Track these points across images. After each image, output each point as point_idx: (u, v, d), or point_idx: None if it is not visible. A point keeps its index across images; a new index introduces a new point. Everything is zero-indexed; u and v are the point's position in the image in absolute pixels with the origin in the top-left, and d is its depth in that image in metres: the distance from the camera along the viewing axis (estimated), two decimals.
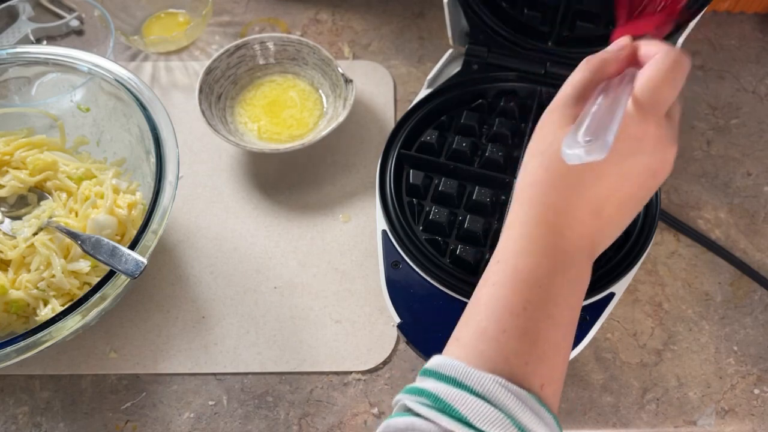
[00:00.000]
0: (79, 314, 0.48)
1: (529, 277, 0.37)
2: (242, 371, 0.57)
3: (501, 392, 0.33)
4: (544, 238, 0.37)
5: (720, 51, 0.75)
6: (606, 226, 0.39)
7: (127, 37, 0.73)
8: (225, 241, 0.63)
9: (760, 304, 0.60)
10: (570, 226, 0.38)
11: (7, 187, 0.58)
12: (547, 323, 0.36)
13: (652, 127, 0.37)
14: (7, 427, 0.55)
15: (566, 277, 0.37)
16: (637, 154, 0.37)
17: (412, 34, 0.77)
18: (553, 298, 0.37)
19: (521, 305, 0.36)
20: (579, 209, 0.37)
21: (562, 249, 0.37)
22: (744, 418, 0.54)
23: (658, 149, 0.38)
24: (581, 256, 0.38)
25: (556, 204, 0.38)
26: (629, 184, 0.38)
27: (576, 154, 0.32)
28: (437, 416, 0.33)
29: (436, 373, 0.35)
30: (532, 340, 0.36)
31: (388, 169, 0.58)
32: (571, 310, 0.38)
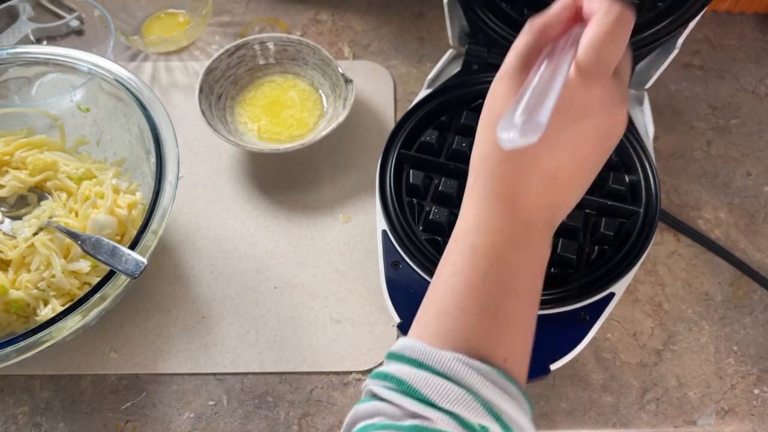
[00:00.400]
0: (79, 314, 0.48)
1: (486, 252, 0.37)
2: (242, 371, 0.57)
3: (462, 369, 0.33)
4: (499, 212, 0.37)
5: (720, 51, 0.75)
6: (563, 193, 0.38)
7: (127, 37, 0.73)
8: (225, 241, 0.63)
9: (760, 304, 0.60)
10: (525, 197, 0.37)
11: (7, 187, 0.58)
12: (508, 296, 0.36)
13: (597, 89, 0.36)
14: (7, 427, 0.55)
15: (525, 248, 0.37)
16: (585, 119, 0.36)
17: (412, 34, 0.77)
18: (513, 270, 0.36)
19: (479, 281, 0.36)
20: (533, 180, 0.37)
21: (520, 221, 0.37)
22: (744, 418, 0.55)
23: (606, 111, 0.37)
24: (540, 226, 0.38)
25: (509, 176, 0.37)
26: (582, 150, 0.37)
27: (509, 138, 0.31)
28: (401, 399, 0.33)
29: (399, 356, 0.36)
30: (492, 315, 0.36)
31: (388, 169, 0.58)
32: (532, 281, 0.38)
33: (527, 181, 0.37)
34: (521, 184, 0.37)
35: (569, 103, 0.35)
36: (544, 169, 0.37)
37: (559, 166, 0.37)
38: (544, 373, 0.51)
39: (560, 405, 0.55)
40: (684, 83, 0.73)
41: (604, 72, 0.36)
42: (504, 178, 0.37)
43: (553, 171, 0.37)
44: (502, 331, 0.36)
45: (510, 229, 0.37)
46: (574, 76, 0.35)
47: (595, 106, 0.36)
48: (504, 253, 0.37)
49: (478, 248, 0.37)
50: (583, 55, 0.35)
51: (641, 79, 0.62)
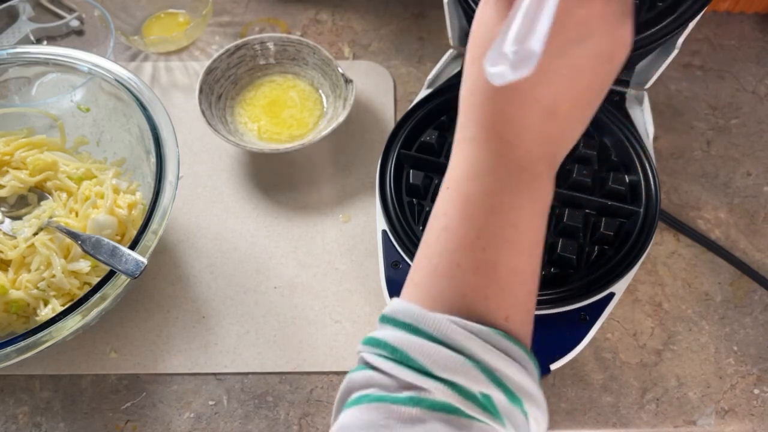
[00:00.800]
0: (79, 314, 0.48)
1: (480, 201, 0.33)
2: (242, 371, 0.57)
3: (459, 333, 0.31)
4: (493, 155, 0.33)
5: (720, 51, 0.75)
6: (564, 126, 0.34)
7: (127, 37, 0.73)
8: (225, 241, 0.63)
9: (760, 304, 0.60)
10: (522, 134, 0.33)
11: (7, 187, 0.58)
12: (506, 249, 0.33)
13: (597, 5, 0.31)
14: (7, 426, 0.55)
15: (524, 194, 0.33)
16: (586, 40, 0.32)
17: (412, 34, 0.77)
18: (511, 220, 0.33)
19: (475, 234, 0.33)
20: (530, 113, 0.33)
21: (516, 163, 0.33)
22: (744, 418, 0.55)
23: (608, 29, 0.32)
24: (540, 167, 0.34)
25: (502, 113, 0.33)
26: (582, 76, 0.33)
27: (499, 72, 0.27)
28: (395, 368, 0.31)
29: (392, 320, 0.33)
30: (490, 271, 0.32)
31: (388, 169, 0.59)
32: (533, 231, 0.34)
33: (522, 117, 0.33)
34: (516, 121, 0.33)
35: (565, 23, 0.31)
36: (541, 102, 0.33)
37: (557, 96, 0.33)
38: (544, 373, 0.51)
39: (560, 405, 0.55)
40: (684, 83, 0.73)
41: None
42: (496, 115, 0.33)
43: (551, 103, 0.33)
44: (503, 288, 0.33)
45: (506, 173, 0.33)
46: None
47: (595, 25, 0.32)
48: (500, 201, 0.33)
49: (471, 197, 0.33)
50: None
51: (641, 79, 0.62)
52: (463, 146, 0.35)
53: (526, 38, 0.27)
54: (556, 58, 0.32)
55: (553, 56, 0.31)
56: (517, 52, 0.27)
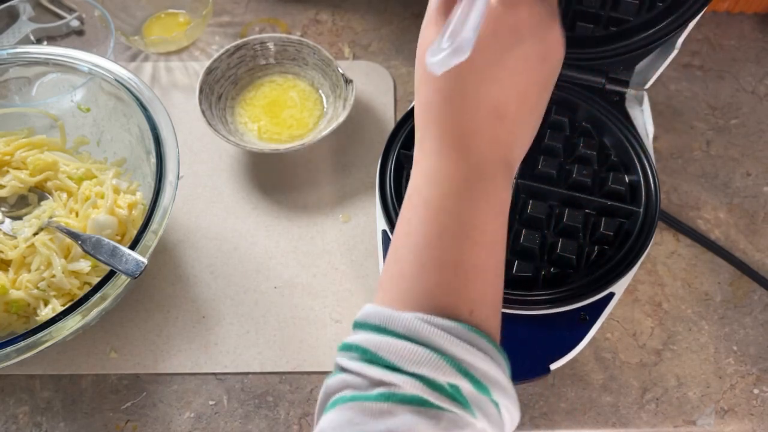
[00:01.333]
0: (79, 314, 0.48)
1: (439, 204, 0.35)
2: (242, 371, 0.57)
3: (424, 328, 0.32)
4: (449, 161, 0.36)
5: (719, 51, 0.75)
6: (512, 128, 0.36)
7: (127, 38, 0.73)
8: (225, 241, 0.63)
9: (760, 303, 0.60)
10: (474, 138, 0.35)
11: (7, 187, 0.58)
12: (467, 246, 0.34)
13: (523, 12, 0.35)
14: (7, 426, 0.55)
15: (481, 194, 0.35)
16: (518, 45, 0.35)
17: (412, 34, 0.77)
18: (470, 219, 0.35)
19: (436, 235, 0.35)
20: (480, 118, 0.35)
21: (471, 166, 0.35)
22: (743, 417, 0.55)
23: (537, 32, 0.35)
24: (495, 169, 0.36)
25: (454, 120, 0.36)
26: (521, 78, 0.35)
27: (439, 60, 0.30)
28: (365, 368, 0.32)
29: (364, 324, 0.34)
30: (452, 268, 0.34)
31: (388, 169, 0.59)
32: (492, 228, 0.36)
33: (472, 122, 0.35)
34: (466, 126, 0.35)
35: (497, 31, 0.34)
36: (487, 105, 0.35)
37: (501, 99, 0.35)
38: (544, 372, 0.51)
39: (560, 405, 0.55)
40: (684, 83, 0.73)
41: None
42: (448, 125, 0.36)
43: (496, 106, 0.35)
44: (465, 284, 0.34)
45: (462, 176, 0.35)
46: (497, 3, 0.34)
47: (525, 30, 0.35)
48: (458, 203, 0.35)
49: (431, 202, 0.35)
50: None
51: (641, 79, 0.62)
52: (421, 156, 0.37)
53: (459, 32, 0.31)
54: (494, 65, 0.35)
55: (492, 63, 0.34)
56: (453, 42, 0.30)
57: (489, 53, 0.34)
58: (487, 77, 0.35)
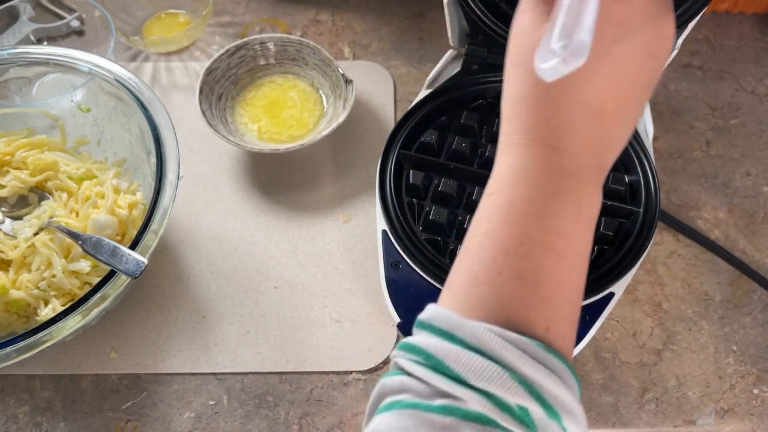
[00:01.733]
0: (79, 314, 0.48)
1: (525, 207, 0.32)
2: (242, 371, 0.57)
3: (497, 342, 0.30)
4: (539, 161, 0.33)
5: (719, 51, 0.75)
6: (610, 129, 0.33)
7: (127, 38, 0.73)
8: (225, 241, 0.63)
9: (760, 303, 0.60)
10: (568, 138, 0.32)
11: (7, 188, 0.59)
12: (550, 258, 0.32)
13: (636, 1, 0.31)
14: (7, 426, 0.55)
15: (570, 200, 0.32)
16: (627, 37, 0.31)
17: (412, 34, 0.77)
18: (556, 227, 0.32)
19: (518, 241, 0.32)
20: (576, 118, 0.32)
21: (563, 169, 0.32)
22: (743, 417, 0.55)
23: (649, 23, 0.32)
24: (588, 173, 0.33)
25: (548, 117, 0.32)
26: (627, 74, 0.32)
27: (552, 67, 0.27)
28: (430, 375, 0.30)
29: (429, 326, 0.32)
30: (532, 280, 0.31)
31: (388, 169, 0.59)
32: (578, 240, 0.33)
33: (570, 120, 0.32)
34: (563, 125, 0.32)
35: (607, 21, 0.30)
36: (588, 103, 0.32)
37: (602, 97, 0.32)
38: None
39: None
40: (683, 83, 0.73)
41: None
42: (542, 120, 0.33)
43: (597, 104, 0.32)
44: (544, 298, 0.31)
45: (551, 179, 0.32)
46: None
47: (637, 20, 0.31)
48: (545, 208, 0.32)
49: (514, 203, 0.33)
50: None
51: None
52: (507, 152, 0.34)
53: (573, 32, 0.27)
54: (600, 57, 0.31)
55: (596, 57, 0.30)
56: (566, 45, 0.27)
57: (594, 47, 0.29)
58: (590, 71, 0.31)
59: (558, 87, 0.31)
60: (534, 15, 0.33)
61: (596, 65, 0.31)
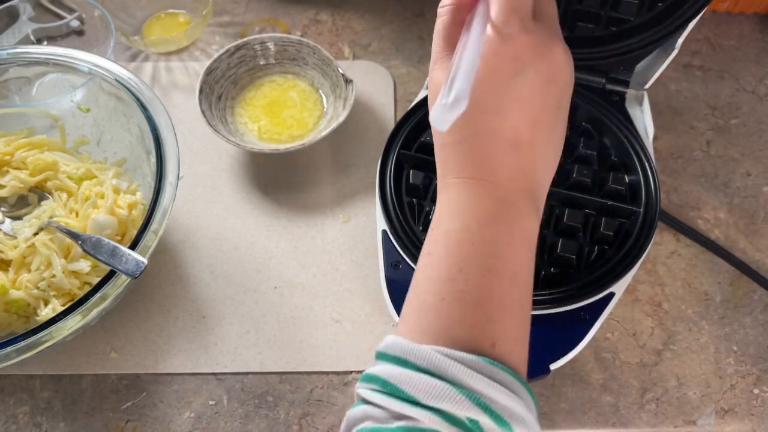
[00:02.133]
0: (79, 314, 0.48)
1: (460, 236, 0.35)
2: (242, 371, 0.57)
3: (444, 362, 0.32)
4: (469, 193, 0.36)
5: (719, 51, 0.75)
6: (530, 153, 0.36)
7: (127, 38, 0.73)
8: (225, 241, 0.63)
9: (760, 303, 0.60)
10: (492, 169, 0.36)
11: (7, 187, 0.59)
12: (489, 278, 0.34)
13: (521, 39, 0.34)
14: (7, 426, 0.55)
15: (502, 225, 0.35)
16: (520, 73, 0.35)
17: (412, 34, 0.77)
18: (492, 250, 0.35)
19: (457, 267, 0.35)
20: (496, 151, 0.36)
21: (493, 197, 0.36)
22: (744, 417, 0.55)
23: (539, 55, 0.35)
24: (517, 198, 0.36)
25: (471, 156, 0.36)
26: (531, 103, 0.35)
27: (441, 119, 0.30)
28: (387, 400, 0.32)
29: (384, 355, 0.34)
30: (474, 301, 0.34)
31: (388, 169, 0.59)
32: (517, 259, 0.35)
33: (490, 154, 0.36)
34: (485, 159, 0.36)
35: (498, 62, 0.34)
36: (503, 136, 0.35)
37: (514, 127, 0.35)
38: (544, 373, 0.51)
39: (560, 405, 0.55)
40: (684, 83, 0.73)
41: (520, 19, 0.34)
42: (466, 159, 0.36)
43: (511, 135, 0.35)
44: (487, 317, 0.34)
45: (483, 207, 0.35)
46: (493, 34, 0.34)
47: (526, 55, 0.35)
48: (480, 234, 0.35)
49: (451, 234, 0.36)
50: (493, 11, 0.34)
51: (641, 79, 0.62)
52: (443, 193, 0.37)
53: (454, 84, 0.31)
54: (502, 95, 0.35)
55: (499, 94, 0.34)
56: (448, 96, 0.30)
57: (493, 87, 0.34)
58: (495, 109, 0.35)
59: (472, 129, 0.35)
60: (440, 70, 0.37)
61: (500, 101, 0.35)
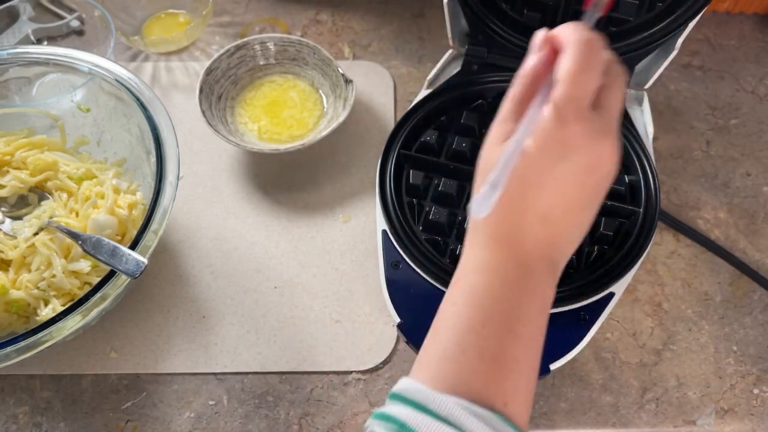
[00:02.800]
0: (79, 314, 0.48)
1: (485, 294, 0.37)
2: (242, 371, 0.57)
3: (464, 415, 0.33)
4: (496, 255, 0.38)
5: (719, 51, 0.75)
6: (558, 230, 0.38)
7: (127, 38, 0.73)
8: (225, 241, 0.63)
9: (760, 303, 0.60)
10: (521, 238, 0.38)
11: (7, 187, 0.59)
12: (509, 339, 0.36)
13: (574, 127, 0.36)
14: (7, 426, 0.55)
15: (525, 290, 0.37)
16: (568, 156, 0.36)
17: (412, 34, 0.77)
18: (514, 312, 0.37)
19: (480, 323, 0.36)
20: (527, 221, 0.38)
21: (518, 262, 0.38)
22: (743, 417, 0.55)
23: (588, 145, 0.36)
24: (539, 267, 0.38)
25: (504, 221, 0.38)
26: (568, 189, 0.37)
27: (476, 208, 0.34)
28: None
29: (401, 397, 0.36)
30: (493, 358, 0.36)
31: (388, 169, 0.59)
32: (534, 323, 0.38)
33: (519, 223, 0.38)
34: (514, 227, 0.38)
35: (546, 145, 0.36)
36: (537, 211, 0.37)
37: (548, 205, 0.37)
38: (544, 372, 0.51)
39: (560, 405, 0.55)
40: (684, 83, 0.73)
41: (577, 106, 0.36)
42: (497, 223, 0.38)
43: (545, 211, 0.37)
44: (504, 375, 0.36)
45: (508, 270, 0.38)
46: (549, 114, 0.36)
47: (574, 143, 0.36)
48: (503, 294, 0.37)
49: (477, 288, 0.37)
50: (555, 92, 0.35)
51: (641, 79, 0.63)
52: (471, 248, 0.39)
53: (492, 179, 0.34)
54: (543, 173, 0.37)
55: (541, 171, 0.36)
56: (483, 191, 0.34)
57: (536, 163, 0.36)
58: (534, 185, 0.37)
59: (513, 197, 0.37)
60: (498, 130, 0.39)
61: (540, 178, 0.37)
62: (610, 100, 0.38)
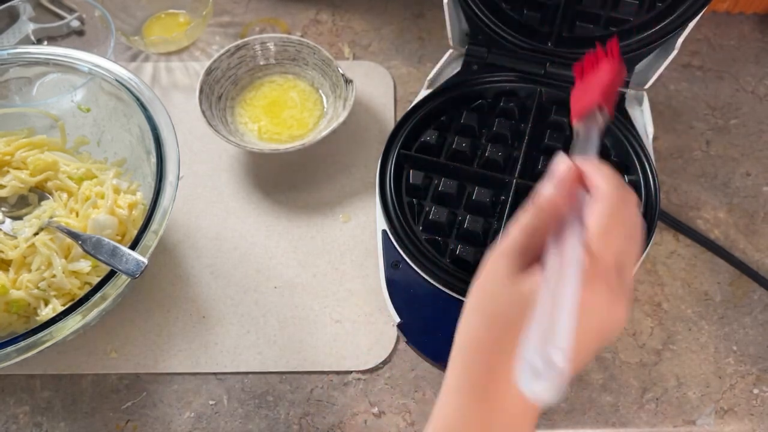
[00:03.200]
0: (79, 314, 0.48)
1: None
2: (243, 371, 0.57)
3: None
4: (473, 410, 0.35)
5: (719, 51, 0.75)
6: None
7: (127, 38, 0.73)
8: (225, 241, 0.63)
9: (759, 303, 0.60)
10: (504, 389, 0.34)
11: (7, 188, 0.59)
12: None
13: (602, 294, 0.33)
14: (7, 426, 0.55)
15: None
16: (585, 318, 0.33)
17: (412, 34, 0.77)
18: None
19: None
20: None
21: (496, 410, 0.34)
22: (743, 417, 0.55)
23: (607, 311, 0.34)
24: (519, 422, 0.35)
25: (496, 368, 0.34)
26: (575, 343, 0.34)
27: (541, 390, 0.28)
28: None
29: None
30: None
31: (388, 169, 0.59)
32: None
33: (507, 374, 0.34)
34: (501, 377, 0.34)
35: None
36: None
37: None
38: None
39: (560, 405, 0.55)
40: (683, 83, 0.73)
41: (608, 271, 0.34)
42: (483, 370, 0.35)
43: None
44: None
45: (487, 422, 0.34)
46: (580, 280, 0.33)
47: (596, 307, 0.34)
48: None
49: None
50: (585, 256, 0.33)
51: (641, 79, 0.63)
52: (451, 395, 0.36)
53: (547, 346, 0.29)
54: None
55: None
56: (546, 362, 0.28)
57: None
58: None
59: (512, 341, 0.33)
60: (508, 264, 0.35)
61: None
62: (627, 260, 0.35)
